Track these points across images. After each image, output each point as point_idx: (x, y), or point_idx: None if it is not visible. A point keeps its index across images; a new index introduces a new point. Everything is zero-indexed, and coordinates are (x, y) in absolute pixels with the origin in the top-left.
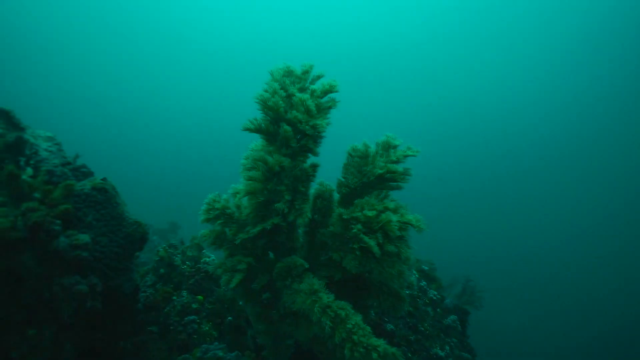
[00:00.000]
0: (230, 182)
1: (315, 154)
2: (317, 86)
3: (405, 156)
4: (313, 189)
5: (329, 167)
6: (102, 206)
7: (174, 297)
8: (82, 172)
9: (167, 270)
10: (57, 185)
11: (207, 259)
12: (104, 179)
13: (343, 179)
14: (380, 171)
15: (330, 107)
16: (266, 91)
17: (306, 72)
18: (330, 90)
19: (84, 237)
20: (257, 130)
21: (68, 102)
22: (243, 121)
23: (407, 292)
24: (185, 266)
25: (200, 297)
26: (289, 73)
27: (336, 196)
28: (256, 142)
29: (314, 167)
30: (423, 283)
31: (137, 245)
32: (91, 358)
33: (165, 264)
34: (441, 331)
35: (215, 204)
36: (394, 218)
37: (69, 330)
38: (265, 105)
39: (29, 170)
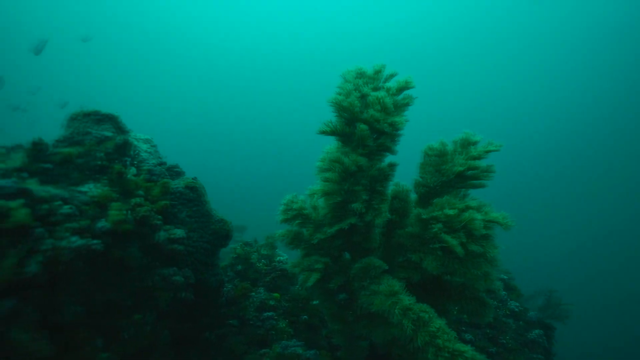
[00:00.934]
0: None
1: (393, 152)
2: (392, 84)
3: (487, 152)
4: (389, 189)
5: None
6: (193, 204)
7: (252, 293)
8: (175, 172)
9: (244, 267)
10: (156, 183)
11: (281, 258)
12: (194, 179)
13: (420, 179)
14: (460, 169)
15: (407, 104)
16: (339, 94)
17: (378, 72)
18: (405, 86)
19: (180, 232)
20: (333, 132)
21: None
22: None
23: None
24: (260, 264)
25: (276, 295)
26: (360, 74)
27: (413, 196)
28: (330, 144)
29: (392, 166)
30: (503, 293)
31: (222, 241)
32: (180, 346)
33: (241, 261)
34: (525, 346)
35: (293, 204)
36: (478, 216)
37: (166, 319)
38: (339, 107)
39: (133, 170)
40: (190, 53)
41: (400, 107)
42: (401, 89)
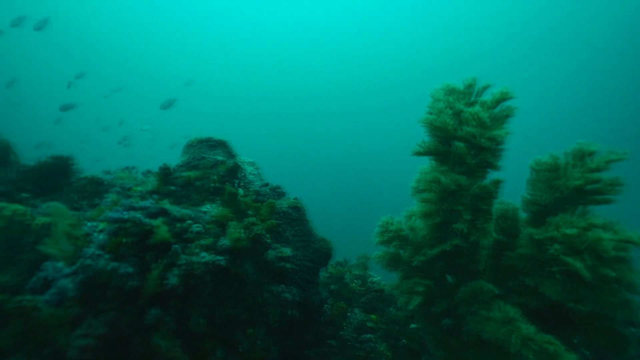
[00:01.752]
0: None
1: (496, 168)
2: (487, 97)
3: (608, 162)
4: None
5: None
6: (296, 223)
7: (349, 314)
8: (278, 192)
9: (338, 286)
10: (263, 203)
11: (374, 279)
12: (296, 199)
13: (529, 196)
14: (577, 183)
15: (507, 116)
16: (430, 113)
17: (470, 87)
18: (502, 98)
19: (288, 250)
20: (427, 152)
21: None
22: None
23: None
24: (354, 284)
25: (374, 317)
26: (450, 91)
27: (522, 215)
28: (423, 164)
29: (496, 183)
30: None
31: (323, 260)
32: None
33: (335, 280)
34: None
35: (389, 226)
36: (606, 235)
37: (274, 335)
38: (432, 127)
39: (241, 191)
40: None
41: (499, 119)
42: (498, 101)
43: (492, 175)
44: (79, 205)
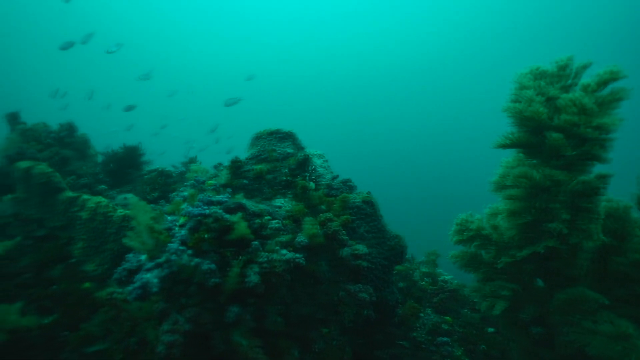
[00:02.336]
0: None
1: (603, 160)
2: (589, 79)
3: None
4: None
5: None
6: (370, 219)
7: (421, 314)
8: (348, 186)
9: (406, 284)
10: (336, 197)
11: (445, 277)
12: (369, 193)
13: None
14: None
15: (617, 99)
16: (517, 101)
17: (564, 68)
18: (610, 78)
19: (363, 248)
20: (514, 144)
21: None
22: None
23: None
24: (424, 282)
25: (448, 318)
26: (540, 75)
27: (635, 215)
28: (506, 157)
29: (603, 178)
30: None
31: (398, 258)
32: None
33: (403, 278)
34: None
35: (469, 224)
36: None
37: (347, 335)
38: (520, 117)
39: (311, 184)
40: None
41: (607, 104)
42: (604, 82)
43: (597, 169)
44: (151, 197)
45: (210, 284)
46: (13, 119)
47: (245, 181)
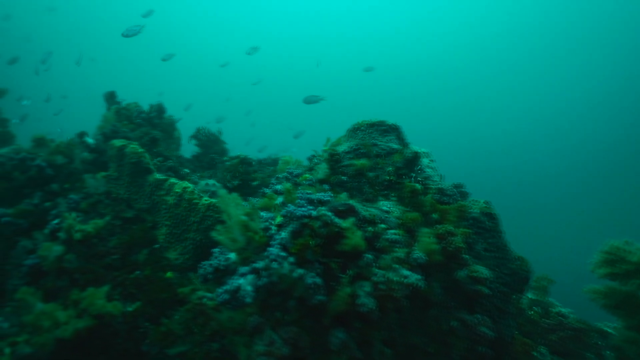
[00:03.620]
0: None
1: None
2: None
3: None
4: None
5: None
6: (490, 234)
7: (534, 353)
8: (461, 192)
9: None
10: (451, 205)
11: (562, 310)
12: (487, 202)
13: None
14: None
15: None
16: None
17: None
18: None
19: (484, 271)
20: None
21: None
22: None
23: None
24: (532, 312)
25: None
26: None
27: None
28: None
29: None
30: None
31: (520, 286)
32: None
33: None
34: None
35: (627, 255)
36: None
37: None
38: None
39: (418, 186)
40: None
41: None
42: None
43: None
44: (231, 184)
45: (314, 301)
46: (110, 97)
47: (344, 178)
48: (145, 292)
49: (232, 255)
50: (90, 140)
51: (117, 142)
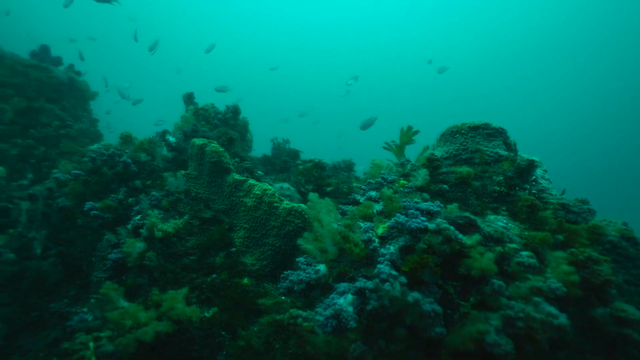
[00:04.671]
0: None
1: None
2: None
3: None
4: None
5: None
6: (633, 264)
7: None
8: (588, 209)
9: None
10: (579, 225)
11: None
12: (625, 224)
13: None
14: None
15: None
16: None
17: None
18: None
19: (633, 311)
20: None
21: None
22: None
23: None
24: None
25: None
26: None
27: None
28: None
29: None
30: None
31: None
32: None
33: None
34: None
35: None
36: None
37: None
38: None
39: (537, 201)
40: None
41: None
42: None
43: None
44: (305, 189)
45: (432, 333)
46: (189, 99)
47: (445, 186)
48: (222, 298)
49: (322, 268)
50: (171, 138)
51: (198, 141)
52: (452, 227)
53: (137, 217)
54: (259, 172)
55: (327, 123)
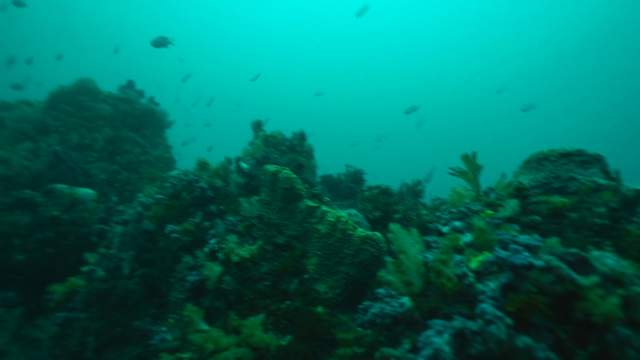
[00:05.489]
0: None
1: None
2: None
3: None
4: None
5: None
6: None
7: None
8: None
9: None
10: None
11: None
12: None
13: None
14: None
15: None
16: None
17: None
18: None
19: None
20: None
21: None
22: None
23: None
24: None
25: None
26: None
27: None
28: None
29: None
30: None
31: None
32: None
33: None
34: None
35: None
36: None
37: None
38: None
39: None
40: None
41: None
42: None
43: None
44: (372, 216)
45: None
46: (257, 126)
47: (537, 217)
48: (296, 326)
49: (407, 301)
50: (244, 165)
51: (271, 168)
52: (564, 265)
53: (213, 241)
54: (326, 198)
55: (390, 146)
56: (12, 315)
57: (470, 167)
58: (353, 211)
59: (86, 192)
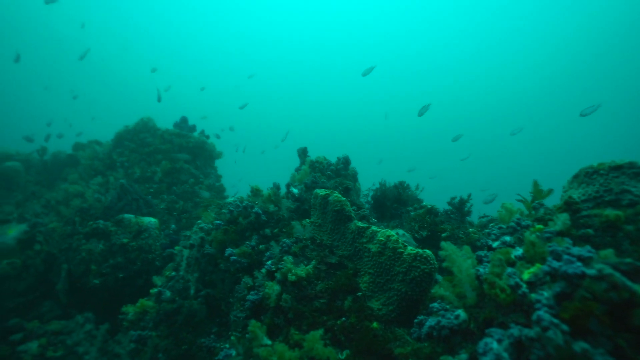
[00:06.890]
0: None
1: None
2: None
3: None
4: None
5: None
6: None
7: None
8: None
9: None
10: None
11: None
12: None
13: None
14: None
15: None
16: None
17: None
18: None
19: None
20: None
21: None
22: None
23: None
24: None
25: None
26: None
27: None
28: None
29: None
30: None
31: None
32: None
33: None
34: None
35: None
36: None
37: None
38: None
39: None
40: None
41: None
42: None
43: None
44: (419, 235)
45: None
46: (303, 153)
47: (590, 231)
48: (353, 341)
49: (462, 313)
50: (295, 190)
51: (321, 191)
52: (617, 273)
53: (269, 262)
54: (373, 219)
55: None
56: (99, 331)
57: (536, 195)
58: (400, 231)
59: (150, 220)
